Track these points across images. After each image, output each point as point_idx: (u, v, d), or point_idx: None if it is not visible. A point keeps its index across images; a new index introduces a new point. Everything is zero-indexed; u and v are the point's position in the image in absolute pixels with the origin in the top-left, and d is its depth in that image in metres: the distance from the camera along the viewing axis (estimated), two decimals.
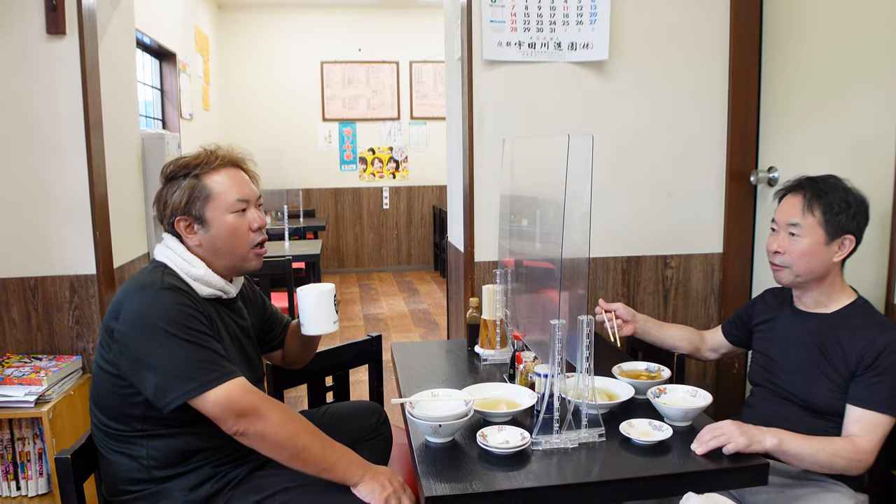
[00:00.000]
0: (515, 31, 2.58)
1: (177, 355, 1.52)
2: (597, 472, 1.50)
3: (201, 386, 1.51)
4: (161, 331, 1.52)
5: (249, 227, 1.73)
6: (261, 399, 1.57)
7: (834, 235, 1.79)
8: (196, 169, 1.69)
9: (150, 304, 1.55)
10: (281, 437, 1.55)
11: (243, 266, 1.76)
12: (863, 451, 1.67)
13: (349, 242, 8.63)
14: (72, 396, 2.43)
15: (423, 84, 8.52)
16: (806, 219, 1.81)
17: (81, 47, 2.47)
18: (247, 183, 1.76)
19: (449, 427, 1.57)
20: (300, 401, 3.88)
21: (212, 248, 1.70)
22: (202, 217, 1.68)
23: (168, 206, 1.69)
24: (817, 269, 1.83)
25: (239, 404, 1.53)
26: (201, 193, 1.68)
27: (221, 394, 1.52)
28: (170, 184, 1.70)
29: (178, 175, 1.69)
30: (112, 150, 2.72)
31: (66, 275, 2.55)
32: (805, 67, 2.50)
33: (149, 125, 5.44)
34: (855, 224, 1.79)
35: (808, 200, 1.82)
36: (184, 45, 6.14)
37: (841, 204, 1.79)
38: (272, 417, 1.55)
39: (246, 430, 1.54)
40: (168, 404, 1.52)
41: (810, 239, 1.81)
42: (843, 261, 1.84)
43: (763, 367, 1.99)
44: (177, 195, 1.67)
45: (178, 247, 1.69)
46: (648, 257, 2.82)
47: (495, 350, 2.19)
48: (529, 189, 2.01)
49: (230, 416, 1.53)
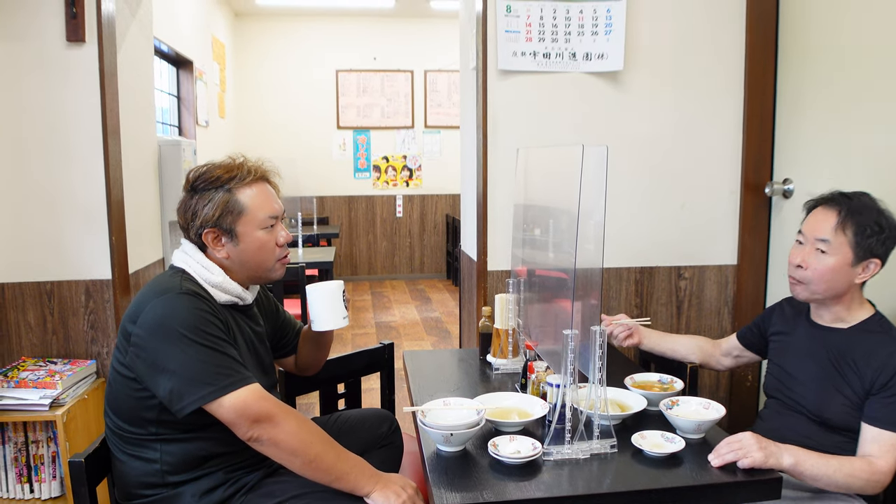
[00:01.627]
0: (530, 41, 2.59)
1: (193, 360, 1.53)
2: (608, 483, 1.49)
3: (217, 391, 1.52)
4: (179, 335, 1.53)
5: (276, 243, 1.76)
6: (276, 406, 1.57)
7: (861, 258, 1.76)
8: (229, 183, 1.70)
9: (168, 309, 1.56)
10: (294, 444, 1.56)
11: (267, 276, 1.79)
12: (880, 471, 1.64)
13: (362, 250, 8.65)
14: (86, 400, 2.45)
15: (437, 93, 8.55)
16: (837, 237, 1.76)
17: (100, 55, 2.50)
18: (275, 198, 1.79)
19: (460, 436, 1.57)
20: (312, 408, 3.89)
21: (239, 261, 1.73)
22: (232, 231, 1.70)
23: (198, 218, 1.69)
24: (836, 289, 1.80)
25: (254, 410, 1.54)
26: (234, 208, 1.69)
27: (237, 399, 1.53)
28: (200, 195, 1.70)
29: (208, 187, 1.70)
30: (129, 156, 2.75)
31: (81, 279, 2.57)
32: (821, 79, 2.49)
33: (165, 132, 5.49)
34: (884, 249, 1.75)
35: (842, 218, 1.76)
36: (200, 53, 6.19)
37: (874, 227, 1.74)
38: (287, 425, 1.56)
39: (260, 437, 1.54)
40: (183, 409, 1.52)
41: (837, 258, 1.76)
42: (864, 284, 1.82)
43: (778, 378, 1.97)
44: (208, 208, 1.68)
45: (196, 254, 1.71)
46: (662, 268, 2.82)
47: (507, 359, 2.19)
48: (543, 199, 2.01)
49: (245, 422, 1.53)
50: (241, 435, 1.55)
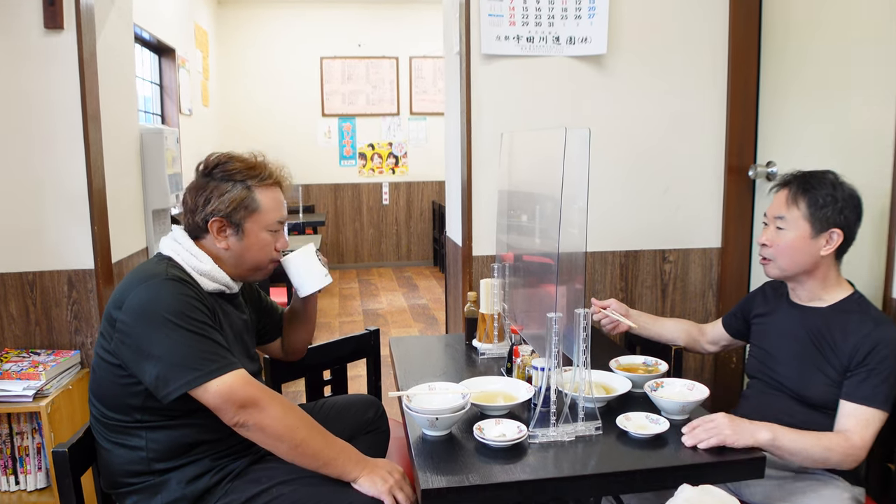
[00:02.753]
0: (514, 25, 2.58)
1: (179, 345, 1.52)
2: (593, 465, 1.50)
3: (203, 376, 1.52)
4: (164, 320, 1.53)
5: (275, 247, 1.78)
6: (262, 391, 1.57)
7: (820, 229, 1.80)
8: (249, 179, 1.72)
9: (153, 294, 1.56)
10: (280, 430, 1.56)
11: (255, 276, 1.81)
12: (856, 446, 1.67)
13: (349, 238, 8.63)
14: (70, 391, 2.44)
15: (422, 79, 8.51)
16: (791, 212, 1.82)
17: (79, 42, 2.47)
18: (285, 205, 1.82)
19: (445, 420, 1.58)
20: (298, 395, 3.88)
21: (237, 255, 1.74)
22: (240, 226, 1.72)
23: (210, 204, 1.69)
24: (803, 263, 1.83)
25: (240, 395, 1.54)
26: (249, 205, 1.71)
27: (222, 385, 1.53)
28: (217, 183, 1.70)
29: (227, 178, 1.71)
30: (110, 144, 2.72)
31: (64, 269, 2.55)
32: (804, 62, 2.50)
33: (148, 120, 5.44)
34: (842, 218, 1.79)
35: (793, 194, 1.83)
36: (183, 41, 6.13)
37: (827, 198, 1.79)
38: (272, 410, 1.56)
39: (246, 422, 1.54)
40: (169, 394, 1.52)
41: (795, 232, 1.82)
42: (839, 255, 1.84)
43: (759, 359, 1.99)
44: (225, 199, 1.69)
45: (186, 241, 1.71)
46: (647, 252, 2.82)
47: (493, 344, 2.19)
48: (528, 184, 2.01)
49: (231, 407, 1.53)
50: (226, 420, 1.55)
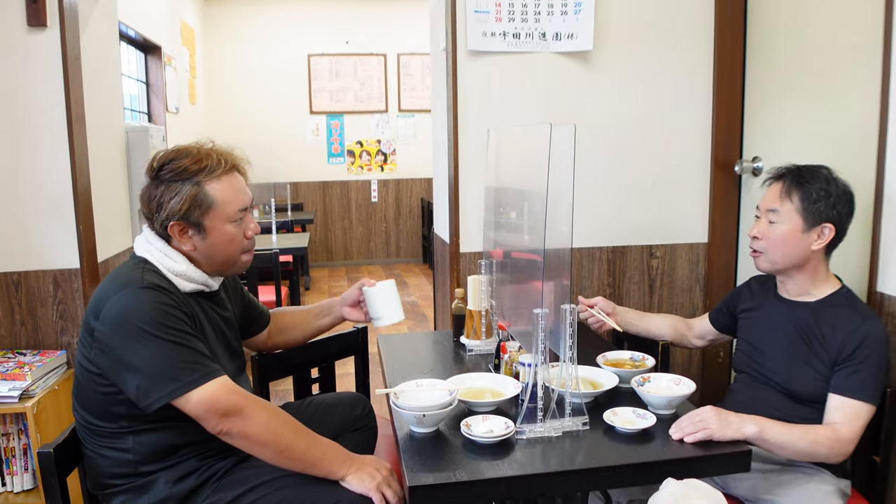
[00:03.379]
0: (500, 21, 2.58)
1: (158, 355, 1.50)
2: (580, 460, 1.51)
3: (184, 386, 1.50)
4: (142, 331, 1.50)
5: (244, 235, 1.73)
6: (245, 399, 1.55)
7: (812, 223, 1.81)
8: (198, 175, 1.63)
9: (130, 304, 1.52)
10: (265, 436, 1.54)
11: (232, 269, 1.76)
12: (844, 439, 1.68)
13: (338, 235, 8.61)
14: (56, 391, 2.42)
15: (410, 76, 8.50)
16: (784, 205, 1.83)
17: (63, 40, 2.45)
18: (245, 189, 1.73)
19: (433, 417, 1.57)
20: (286, 393, 3.87)
21: (206, 254, 1.69)
22: (200, 225, 1.65)
23: (163, 209, 1.63)
24: (794, 257, 1.84)
25: (223, 404, 1.52)
26: (203, 202, 1.64)
27: (204, 394, 1.51)
28: (166, 186, 1.63)
29: (175, 179, 1.63)
30: (95, 143, 2.70)
31: (49, 269, 2.53)
32: (789, 57, 2.51)
33: (134, 119, 5.41)
34: (835, 213, 1.80)
35: (787, 187, 1.84)
36: (169, 39, 6.10)
37: (820, 192, 1.80)
38: (256, 417, 1.54)
39: (230, 430, 1.53)
40: (150, 405, 1.50)
41: (788, 226, 1.82)
42: (828, 250, 1.85)
43: (746, 354, 2.00)
44: (175, 201, 1.62)
45: (158, 242, 1.66)
46: (634, 247, 2.83)
47: (481, 340, 2.19)
48: (514, 180, 2.00)
49: (213, 416, 1.51)
50: (210, 429, 1.53)
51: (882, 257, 1.99)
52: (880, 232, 1.98)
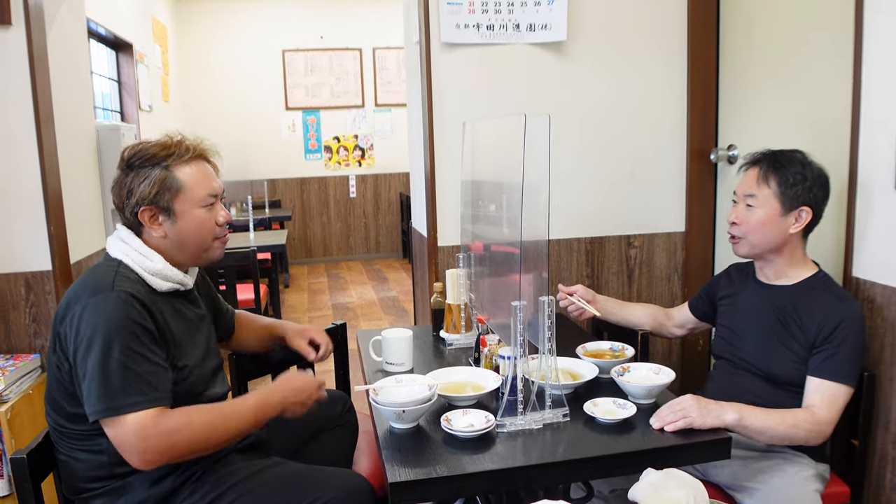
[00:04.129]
0: (473, 13, 2.56)
1: (108, 371, 1.46)
2: (561, 451, 1.51)
3: (119, 408, 1.46)
4: (102, 343, 1.47)
5: (216, 221, 1.71)
6: (173, 429, 1.50)
7: (790, 207, 1.82)
8: (166, 160, 1.64)
9: (95, 312, 1.50)
10: (201, 447, 1.53)
11: (206, 257, 1.74)
12: (822, 421, 1.69)
13: (316, 232, 8.56)
14: (31, 395, 2.38)
15: (386, 71, 8.46)
16: (762, 190, 1.84)
17: (28, 38, 2.40)
18: (214, 177, 1.73)
19: (412, 412, 1.56)
20: None
21: (177, 241, 1.67)
22: (170, 209, 1.64)
23: (133, 195, 1.62)
24: (773, 241, 1.85)
25: (153, 433, 1.47)
26: (172, 185, 1.63)
27: (136, 420, 1.46)
28: (135, 172, 1.63)
29: (144, 164, 1.63)
30: (65, 142, 2.66)
31: (21, 272, 2.49)
32: (761, 45, 2.52)
33: (106, 117, 5.33)
34: (811, 196, 1.81)
35: (763, 172, 1.85)
36: (141, 36, 6.02)
37: (797, 176, 1.81)
38: (180, 445, 1.50)
39: (157, 461, 1.49)
40: (90, 415, 1.48)
41: (765, 210, 1.84)
42: (805, 234, 1.86)
43: (725, 339, 2.01)
44: (145, 185, 1.61)
45: (133, 241, 1.64)
46: (612, 237, 2.83)
47: (460, 334, 2.18)
48: (491, 173, 2.00)
49: (135, 449, 1.46)
50: (133, 460, 1.48)
51: (857, 243, 2.00)
52: (854, 218, 2.00)
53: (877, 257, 1.94)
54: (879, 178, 1.91)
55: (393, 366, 1.98)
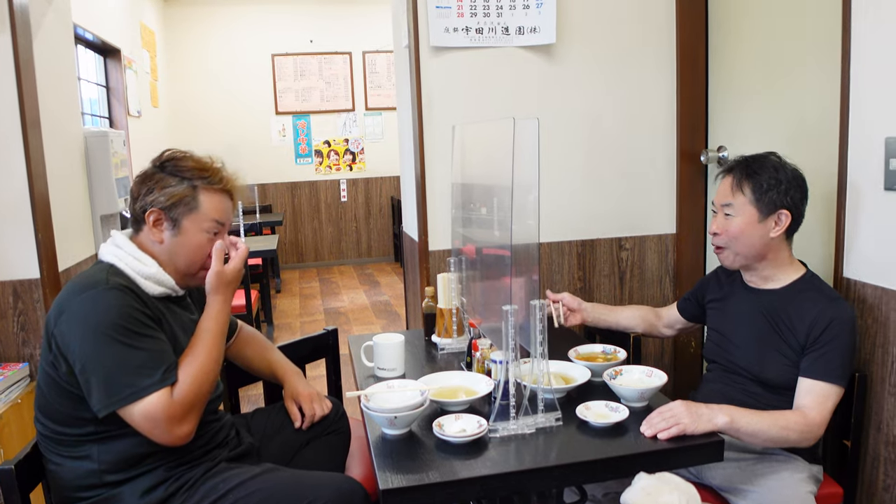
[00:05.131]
0: (462, 16, 2.56)
1: (116, 359, 1.49)
2: (554, 456, 1.50)
3: (130, 397, 1.49)
4: (103, 334, 1.48)
5: (208, 252, 1.73)
6: (186, 390, 1.56)
7: (767, 212, 1.82)
8: (197, 179, 1.68)
9: (92, 306, 1.51)
10: (212, 383, 1.63)
11: (186, 281, 1.75)
12: (813, 422, 1.69)
13: (308, 236, 8.54)
14: (19, 405, 2.36)
15: (376, 74, 8.45)
16: (737, 198, 1.85)
17: (14, 44, 2.38)
18: (230, 213, 1.78)
19: (404, 418, 1.56)
20: (257, 398, 3.83)
21: (170, 252, 1.68)
22: (178, 222, 1.67)
23: (152, 195, 1.65)
24: (755, 247, 1.85)
25: (177, 408, 1.53)
26: (190, 203, 1.67)
27: (153, 402, 1.49)
28: (164, 176, 1.67)
29: (175, 172, 1.67)
30: (52, 149, 2.64)
31: (8, 280, 2.46)
32: (750, 47, 2.52)
33: (95, 123, 5.31)
34: (788, 199, 1.81)
35: (738, 180, 1.85)
36: (129, 41, 5.99)
37: (770, 181, 1.81)
38: (200, 392, 1.59)
39: (189, 429, 1.56)
40: (100, 410, 1.49)
41: (743, 218, 1.84)
42: (789, 236, 1.86)
43: (717, 344, 2.01)
44: (167, 191, 1.65)
45: (128, 245, 1.65)
46: (603, 240, 2.83)
47: (452, 339, 2.18)
48: (481, 176, 1.99)
49: (163, 427, 1.51)
50: (165, 439, 1.53)
51: (847, 243, 2.01)
52: (844, 218, 2.00)
53: (867, 258, 1.95)
54: (869, 179, 1.91)
55: (384, 371, 1.97)
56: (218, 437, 1.74)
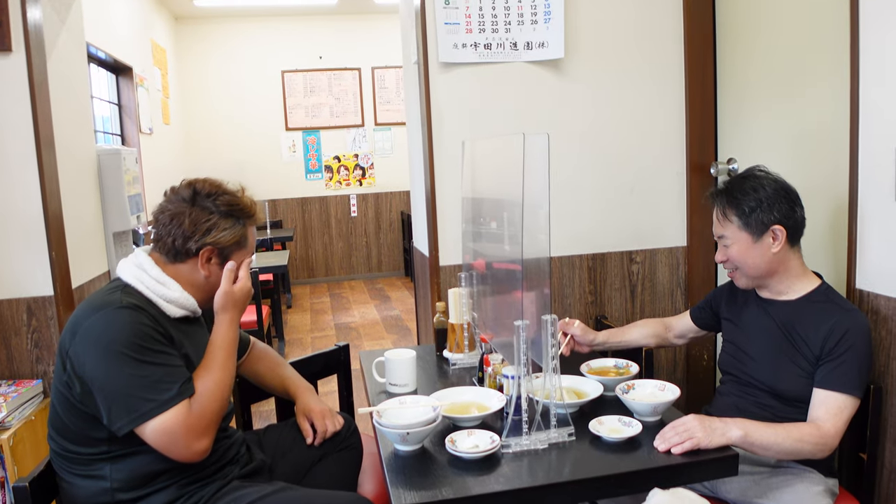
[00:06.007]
0: (470, 32, 2.57)
1: (131, 378, 1.49)
2: (568, 471, 1.49)
3: (145, 415, 1.49)
4: (117, 353, 1.49)
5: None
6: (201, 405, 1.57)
7: (759, 233, 1.82)
8: (245, 217, 1.74)
9: (106, 325, 1.51)
10: (226, 398, 1.64)
11: (207, 305, 1.76)
12: (828, 434, 1.68)
13: (318, 252, 8.56)
14: (33, 422, 2.37)
15: (385, 90, 8.49)
16: (727, 228, 1.87)
17: (29, 64, 2.42)
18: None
19: (417, 434, 1.55)
20: (269, 414, 3.83)
21: (214, 284, 1.71)
22: (228, 258, 1.72)
23: (210, 235, 1.67)
24: (762, 266, 1.85)
25: (193, 422, 1.54)
26: (242, 241, 1.73)
27: (168, 419, 1.50)
28: (221, 216, 1.68)
29: (231, 213, 1.70)
30: (66, 167, 2.67)
31: (22, 297, 2.49)
32: (758, 58, 2.52)
33: (107, 141, 5.35)
34: (775, 215, 1.81)
35: (722, 210, 1.87)
36: (140, 59, 6.05)
37: (751, 203, 1.82)
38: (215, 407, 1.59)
39: (206, 444, 1.55)
40: (120, 429, 1.49)
41: (739, 244, 1.85)
42: (794, 245, 1.85)
43: (732, 356, 2.00)
44: (227, 234, 1.69)
45: (152, 269, 1.65)
46: (613, 254, 2.83)
47: (464, 354, 2.17)
48: (491, 191, 2.00)
49: (180, 444, 1.52)
50: (182, 455, 1.53)
51: (859, 254, 2.00)
52: (856, 229, 1.99)
53: (880, 269, 1.94)
54: (879, 189, 1.91)
55: (396, 387, 1.97)
56: (229, 454, 1.74)
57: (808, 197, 1.89)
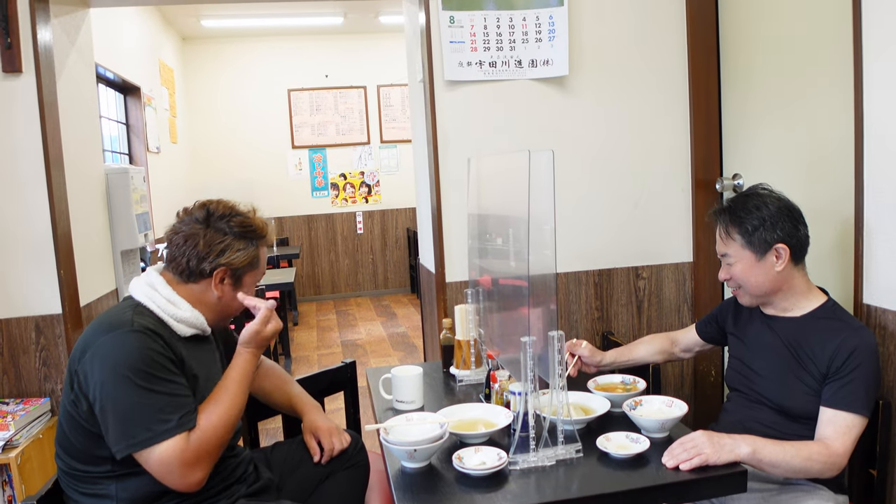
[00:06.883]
0: (475, 50, 2.59)
1: (134, 404, 1.49)
2: (575, 488, 1.49)
3: (153, 437, 1.49)
4: (124, 377, 1.48)
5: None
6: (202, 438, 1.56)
7: (763, 251, 1.81)
8: (258, 238, 1.76)
9: (115, 347, 1.51)
10: (228, 436, 1.62)
11: (218, 325, 1.79)
12: (836, 453, 1.66)
13: (324, 269, 8.58)
14: (41, 440, 2.38)
15: (391, 108, 8.54)
16: (730, 246, 1.86)
17: (39, 85, 2.45)
18: None
19: (424, 451, 1.55)
20: (276, 431, 3.82)
21: (226, 304, 1.73)
22: (241, 280, 1.73)
23: (224, 256, 1.68)
24: (765, 284, 1.85)
25: (190, 454, 1.53)
26: (254, 263, 1.75)
27: (168, 448, 1.49)
28: (235, 238, 1.70)
29: (245, 234, 1.72)
30: (75, 186, 2.69)
31: (30, 316, 2.50)
32: (762, 74, 2.53)
33: (115, 160, 5.39)
34: (778, 233, 1.80)
35: (725, 229, 1.87)
36: (148, 79, 6.10)
37: (754, 222, 1.81)
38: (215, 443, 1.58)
39: (201, 477, 1.55)
40: (119, 451, 1.49)
41: (742, 263, 1.85)
42: (798, 263, 1.85)
43: (739, 372, 1.99)
44: (241, 255, 1.70)
45: (164, 289, 1.66)
46: (620, 269, 2.83)
47: (470, 370, 2.17)
48: (496, 207, 2.00)
49: (176, 473, 1.51)
50: (177, 485, 1.53)
51: (866, 270, 1.99)
52: (862, 245, 1.99)
53: (887, 284, 1.93)
54: (886, 204, 1.91)
55: (403, 404, 1.97)
56: (236, 473, 1.74)
57: (814, 211, 1.89)
